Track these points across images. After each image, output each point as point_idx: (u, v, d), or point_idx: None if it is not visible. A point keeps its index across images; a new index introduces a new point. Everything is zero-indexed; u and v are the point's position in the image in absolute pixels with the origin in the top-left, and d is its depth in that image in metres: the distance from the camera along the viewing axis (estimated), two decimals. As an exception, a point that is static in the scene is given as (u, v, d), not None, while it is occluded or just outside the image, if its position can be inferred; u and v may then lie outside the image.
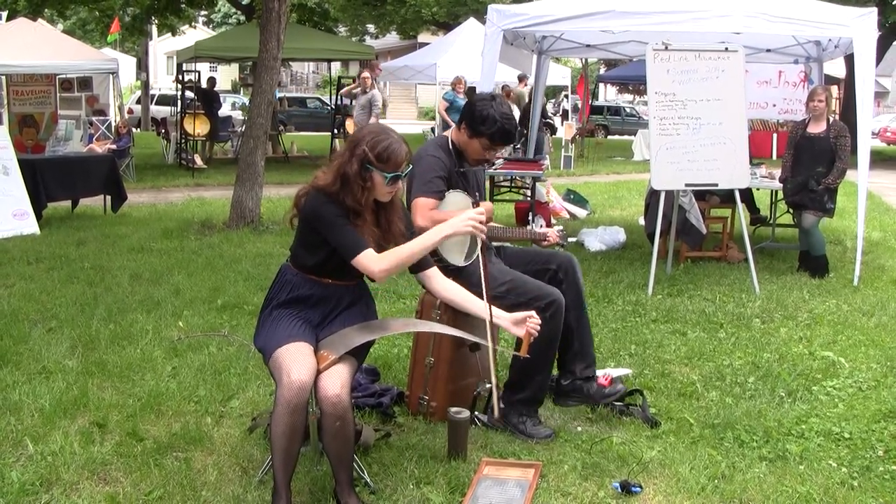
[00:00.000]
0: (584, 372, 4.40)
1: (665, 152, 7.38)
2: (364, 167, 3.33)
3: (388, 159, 3.34)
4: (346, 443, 3.28)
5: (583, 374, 4.40)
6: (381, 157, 3.33)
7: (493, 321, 3.56)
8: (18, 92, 16.98)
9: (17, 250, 8.45)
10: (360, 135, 3.43)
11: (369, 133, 3.41)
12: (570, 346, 4.38)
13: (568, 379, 4.40)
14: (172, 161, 19.05)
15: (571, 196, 12.56)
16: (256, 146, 10.22)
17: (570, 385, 4.40)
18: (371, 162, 3.33)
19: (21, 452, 3.86)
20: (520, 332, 3.59)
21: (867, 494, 3.65)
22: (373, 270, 3.33)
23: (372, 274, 3.35)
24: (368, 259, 3.33)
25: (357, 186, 3.34)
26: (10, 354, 5.17)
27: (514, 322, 3.60)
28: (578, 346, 4.39)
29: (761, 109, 10.32)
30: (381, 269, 3.32)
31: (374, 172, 3.34)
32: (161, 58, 52.92)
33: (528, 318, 3.58)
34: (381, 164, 3.33)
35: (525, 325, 3.57)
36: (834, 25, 7.79)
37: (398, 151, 3.36)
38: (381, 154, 3.33)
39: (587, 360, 4.42)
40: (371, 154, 3.32)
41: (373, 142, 3.35)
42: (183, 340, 5.58)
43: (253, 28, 16.88)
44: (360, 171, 3.34)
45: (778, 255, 9.22)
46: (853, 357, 5.53)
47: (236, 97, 33.89)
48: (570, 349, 4.38)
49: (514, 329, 3.60)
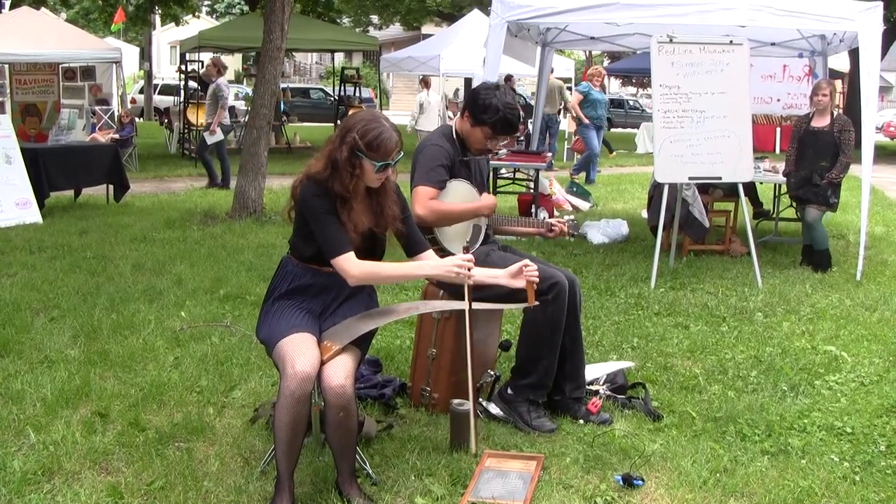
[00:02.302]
0: (573, 393, 4.35)
1: (669, 145, 7.37)
2: (354, 154, 3.33)
3: (377, 147, 3.33)
4: (349, 434, 3.28)
5: (572, 395, 4.35)
6: (370, 146, 3.32)
7: (491, 282, 3.66)
8: (21, 81, 16.97)
9: (20, 239, 8.45)
10: (352, 122, 3.42)
11: (360, 120, 3.40)
12: (562, 366, 4.32)
13: (559, 395, 4.37)
14: (175, 151, 19.06)
15: (574, 188, 12.55)
16: (259, 136, 10.21)
17: (561, 402, 4.36)
18: (361, 149, 3.32)
19: (23, 442, 3.87)
20: (520, 283, 3.63)
21: (869, 489, 3.64)
22: (349, 274, 3.35)
23: (347, 277, 3.37)
24: (348, 262, 3.35)
25: (346, 173, 3.34)
26: (13, 344, 5.18)
27: (511, 275, 3.65)
28: (570, 368, 4.33)
29: (765, 103, 10.29)
30: (356, 275, 3.36)
31: (363, 160, 3.34)
32: (164, 47, 52.87)
33: (524, 268, 3.63)
34: (371, 152, 3.33)
35: (522, 275, 3.62)
36: (839, 19, 7.76)
37: (388, 140, 3.35)
38: (370, 142, 3.32)
39: (577, 382, 4.37)
40: (361, 142, 3.32)
41: (363, 129, 3.34)
42: (185, 330, 5.58)
43: (256, 18, 16.84)
44: (350, 158, 3.33)
45: (781, 249, 9.21)
46: (855, 352, 5.53)
47: (239, 87, 33.86)
48: (562, 369, 4.33)
49: (514, 282, 3.65)
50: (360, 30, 33.62)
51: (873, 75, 7.63)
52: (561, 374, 4.33)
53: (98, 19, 32.50)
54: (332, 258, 3.35)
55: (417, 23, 34.61)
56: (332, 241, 3.35)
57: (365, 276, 3.39)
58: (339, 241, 3.35)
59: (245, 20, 21.87)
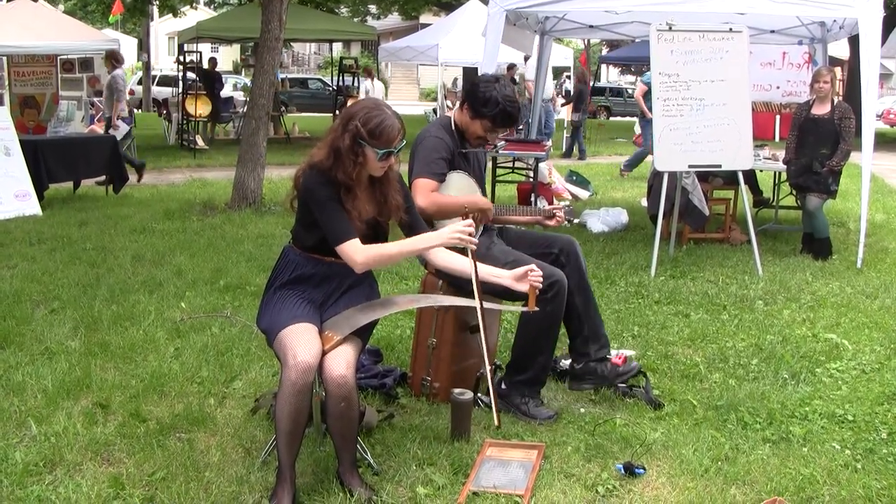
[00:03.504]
0: (598, 353, 4.37)
1: (668, 133, 7.35)
2: (356, 142, 3.32)
3: (380, 135, 3.32)
4: (350, 423, 3.28)
5: (597, 356, 4.37)
6: (373, 133, 3.31)
7: (495, 281, 3.64)
8: (19, 73, 16.91)
9: (20, 231, 8.44)
10: (354, 109, 3.41)
11: (363, 108, 3.39)
12: (580, 330, 4.35)
13: (581, 362, 4.38)
14: (174, 142, 19.03)
15: (574, 177, 12.53)
16: (258, 127, 10.20)
17: (584, 368, 4.37)
18: (363, 137, 3.31)
19: (24, 433, 3.87)
20: (523, 287, 3.62)
21: (870, 476, 3.64)
22: (355, 261, 3.34)
23: (353, 264, 3.36)
24: (353, 248, 3.34)
25: (349, 161, 3.33)
26: (13, 335, 5.17)
27: (516, 278, 3.64)
28: (588, 329, 4.35)
29: (765, 91, 10.28)
30: (362, 261, 3.35)
31: (366, 148, 3.32)
32: (162, 39, 52.80)
33: (529, 272, 3.62)
34: (374, 139, 3.32)
35: (527, 279, 3.61)
36: (839, 6, 7.74)
37: (391, 127, 3.34)
38: (373, 130, 3.31)
39: (600, 342, 4.39)
40: (363, 129, 3.31)
41: (365, 117, 3.33)
42: (185, 321, 5.58)
43: (254, 8, 16.80)
44: (353, 146, 3.32)
45: (781, 237, 9.21)
46: (856, 339, 5.53)
47: (238, 78, 33.82)
48: (580, 333, 4.36)
49: (517, 285, 3.64)
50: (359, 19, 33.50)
51: (873, 62, 7.60)
52: (581, 337, 4.35)
53: (96, 11, 32.38)
54: (336, 245, 3.35)
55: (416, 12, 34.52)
56: (336, 228, 3.34)
57: (370, 261, 3.37)
58: (344, 229, 3.34)
59: (243, 10, 21.83)
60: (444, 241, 3.43)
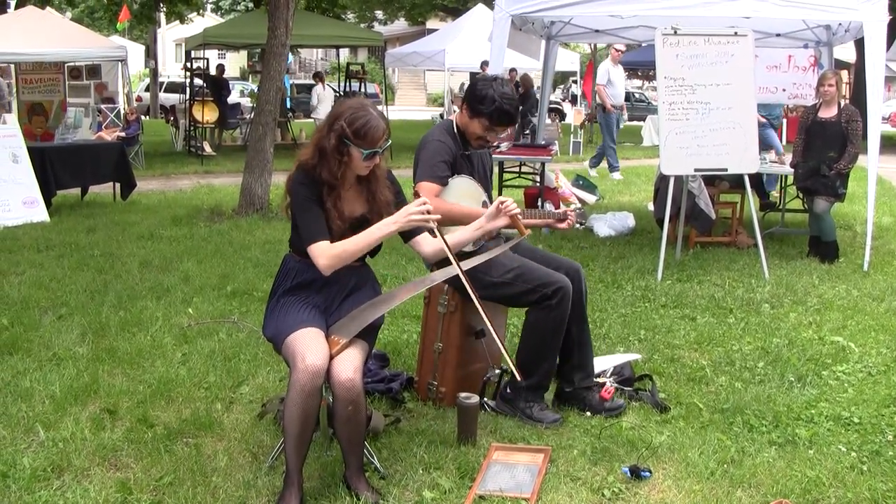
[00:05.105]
0: (582, 382, 4.36)
1: (674, 137, 7.35)
2: (342, 142, 3.35)
3: (365, 135, 3.34)
4: (357, 427, 3.29)
5: (582, 385, 4.36)
6: (357, 133, 3.33)
7: (475, 233, 3.70)
8: (27, 80, 17.01)
9: (28, 238, 8.48)
10: (340, 110, 3.43)
11: (348, 108, 3.41)
12: (569, 358, 4.34)
13: (570, 387, 4.38)
14: (181, 148, 19.07)
15: (581, 182, 12.52)
16: (265, 133, 10.23)
17: (573, 393, 4.36)
18: (348, 137, 3.33)
19: (32, 439, 3.89)
20: (501, 222, 3.67)
21: (876, 479, 3.64)
22: (318, 264, 3.36)
23: (318, 267, 3.37)
24: (318, 251, 3.36)
25: (334, 161, 3.36)
26: (22, 341, 5.20)
27: (490, 218, 3.68)
28: (578, 358, 4.35)
29: (771, 94, 10.26)
30: (324, 263, 3.36)
31: (351, 148, 3.35)
32: (170, 45, 52.93)
33: (499, 205, 3.65)
34: (358, 139, 3.34)
35: (502, 213, 3.66)
36: (844, 9, 7.74)
37: (376, 128, 3.36)
38: (358, 130, 3.33)
39: (586, 372, 4.39)
40: (349, 130, 3.33)
41: (351, 118, 3.35)
42: (193, 327, 5.60)
43: (261, 15, 16.83)
44: (338, 145, 3.35)
45: (787, 240, 9.20)
46: (863, 342, 5.52)
47: (245, 84, 33.88)
48: (569, 361, 4.35)
49: (496, 223, 3.68)
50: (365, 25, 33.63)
51: (879, 65, 7.60)
52: (569, 365, 4.35)
53: (103, 18, 32.57)
54: (307, 246, 3.38)
55: (422, 18, 34.66)
56: (307, 228, 3.38)
57: (333, 261, 3.36)
58: (314, 231, 3.37)
59: (250, 17, 21.87)
60: (402, 223, 3.37)
